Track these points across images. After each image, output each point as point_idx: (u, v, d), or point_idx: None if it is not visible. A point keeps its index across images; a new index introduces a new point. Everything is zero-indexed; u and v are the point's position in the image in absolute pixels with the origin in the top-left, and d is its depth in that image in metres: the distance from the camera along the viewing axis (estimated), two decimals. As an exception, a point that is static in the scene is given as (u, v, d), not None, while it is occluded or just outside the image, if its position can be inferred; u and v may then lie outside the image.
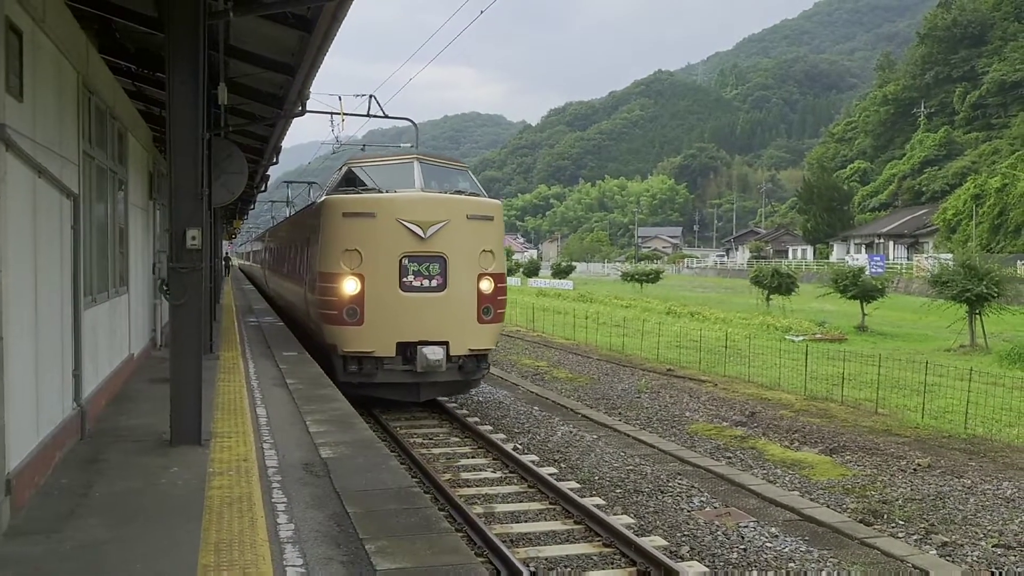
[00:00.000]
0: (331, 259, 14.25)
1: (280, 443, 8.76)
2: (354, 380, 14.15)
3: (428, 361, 13.94)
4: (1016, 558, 9.07)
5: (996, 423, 15.28)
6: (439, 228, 14.14)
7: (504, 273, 15.20)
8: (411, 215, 14.07)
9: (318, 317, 14.78)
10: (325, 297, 14.27)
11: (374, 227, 14.06)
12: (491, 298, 14.73)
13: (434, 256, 14.22)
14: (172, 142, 8.41)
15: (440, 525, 6.31)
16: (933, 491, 11.38)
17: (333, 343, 14.32)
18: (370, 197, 14.38)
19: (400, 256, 14.08)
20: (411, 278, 14.11)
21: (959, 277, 27.72)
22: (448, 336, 14.28)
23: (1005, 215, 61.66)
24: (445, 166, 16.09)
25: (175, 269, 8.53)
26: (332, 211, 14.48)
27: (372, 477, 7.52)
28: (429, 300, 14.18)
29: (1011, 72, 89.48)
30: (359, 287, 13.98)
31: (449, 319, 14.27)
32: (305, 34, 10.59)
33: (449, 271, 14.27)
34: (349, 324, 14.01)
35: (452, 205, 14.49)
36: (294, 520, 6.31)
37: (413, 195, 14.43)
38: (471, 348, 14.60)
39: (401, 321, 14.03)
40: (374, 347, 14.06)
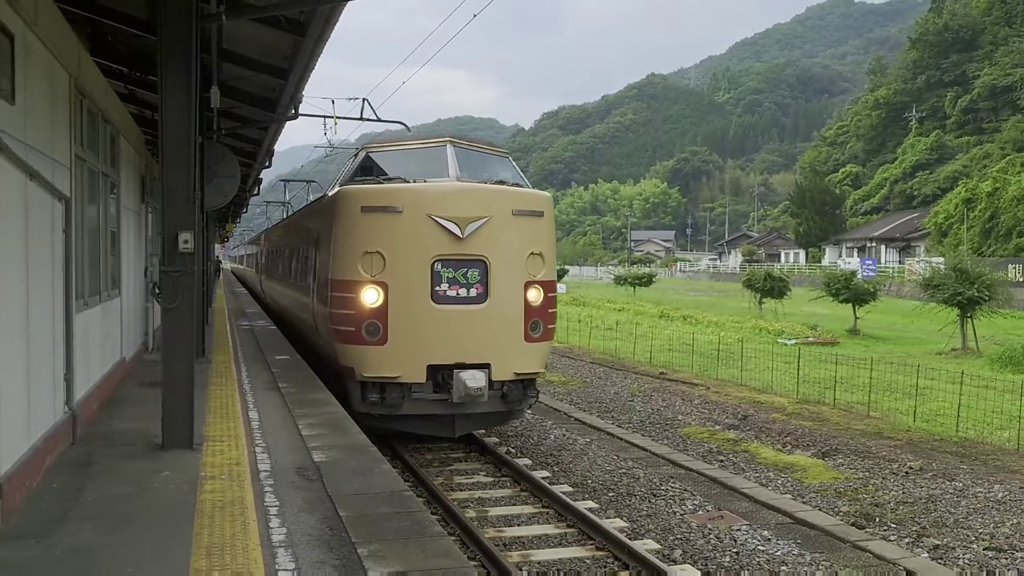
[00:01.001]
0: (347, 263, 11.86)
1: (272, 447, 8.73)
2: (375, 411, 11.84)
3: (467, 389, 11.44)
4: (1007, 560, 9.09)
5: (987, 426, 15.32)
6: (479, 226, 11.73)
7: (555, 281, 12.78)
8: (445, 210, 11.66)
9: (330, 334, 12.38)
10: (339, 310, 11.91)
11: (400, 224, 11.63)
12: (540, 311, 12.26)
13: (473, 260, 11.83)
14: (164, 145, 8.40)
15: (432, 529, 6.30)
16: (925, 494, 11.41)
17: (349, 366, 11.94)
18: (395, 187, 11.93)
19: (432, 260, 11.67)
20: (445, 287, 11.72)
21: (950, 281, 27.81)
22: (490, 357, 11.87)
23: (996, 219, 61.92)
24: (483, 151, 13.49)
25: (167, 272, 8.50)
26: (348, 205, 11.98)
27: (364, 481, 7.50)
28: (467, 314, 11.80)
29: (1002, 76, 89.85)
30: (381, 298, 11.61)
31: (491, 337, 11.89)
32: (298, 37, 10.61)
33: (491, 278, 11.87)
34: (369, 343, 11.61)
35: (495, 198, 12.03)
36: (286, 524, 6.29)
37: (448, 185, 11.98)
38: (517, 372, 12.10)
39: (433, 339, 11.66)
40: (400, 371, 11.66)
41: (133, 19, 10.70)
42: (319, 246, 13.58)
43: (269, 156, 20.48)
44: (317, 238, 13.95)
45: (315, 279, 13.77)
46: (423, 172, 12.23)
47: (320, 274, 13.20)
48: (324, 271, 12.81)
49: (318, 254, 13.61)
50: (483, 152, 13.41)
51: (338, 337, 12.00)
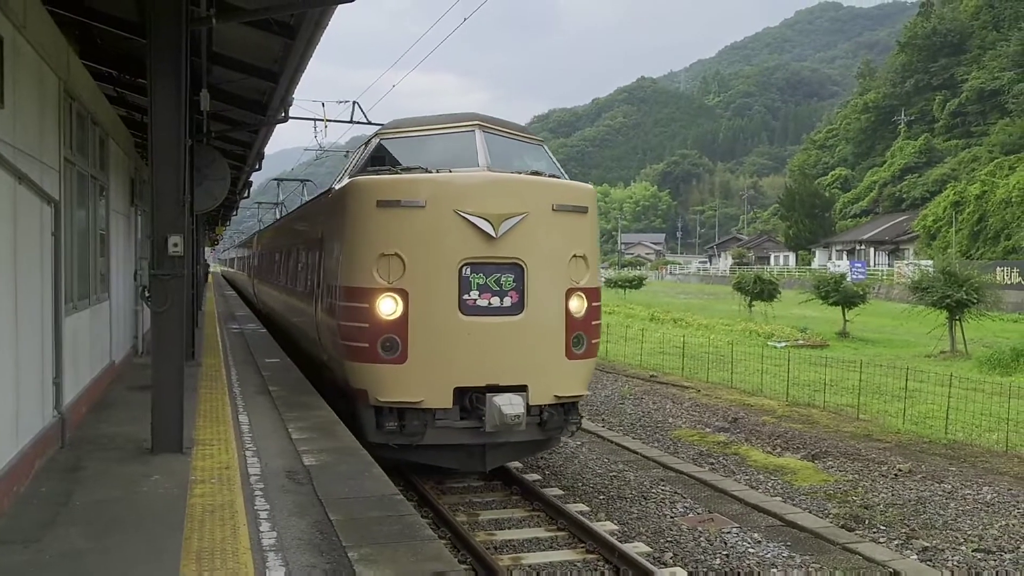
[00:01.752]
0: (359, 268, 10.18)
1: (262, 450, 8.71)
2: (393, 442, 10.16)
3: (503, 417, 9.73)
4: (996, 562, 9.14)
5: (976, 428, 15.40)
6: (515, 224, 10.09)
7: (600, 288, 11.20)
8: (476, 205, 10.04)
9: (338, 350, 10.73)
10: (350, 322, 10.24)
11: (422, 222, 10.02)
12: (584, 323, 10.65)
13: (508, 263, 10.19)
14: (154, 148, 8.38)
15: (423, 532, 6.29)
16: (914, 496, 11.46)
17: (361, 388, 10.25)
18: (416, 178, 10.30)
19: (460, 263, 10.01)
20: (475, 295, 10.09)
21: (939, 283, 27.95)
22: (527, 378, 10.21)
23: (984, 222, 62.22)
24: (515, 137, 11.72)
25: (157, 276, 8.48)
26: (360, 199, 10.34)
27: (355, 484, 7.49)
28: (500, 327, 10.17)
29: (990, 80, 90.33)
30: (400, 308, 9.96)
31: (528, 354, 10.27)
32: (288, 41, 10.62)
33: (528, 285, 10.23)
34: (386, 362, 9.97)
35: (533, 191, 10.43)
36: (276, 528, 6.27)
37: (478, 176, 10.34)
38: (557, 395, 10.42)
39: (461, 357, 10.04)
40: (422, 395, 9.99)
41: (122, 22, 10.68)
42: (324, 248, 12.00)
43: (259, 159, 20.47)
44: (321, 238, 12.39)
45: (319, 286, 12.22)
46: (447, 161, 10.60)
47: (326, 280, 11.63)
48: (331, 277, 11.18)
49: (323, 257, 12.02)
50: (516, 138, 11.70)
51: (348, 354, 10.32)
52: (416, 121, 11.67)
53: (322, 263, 12.07)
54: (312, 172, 43.39)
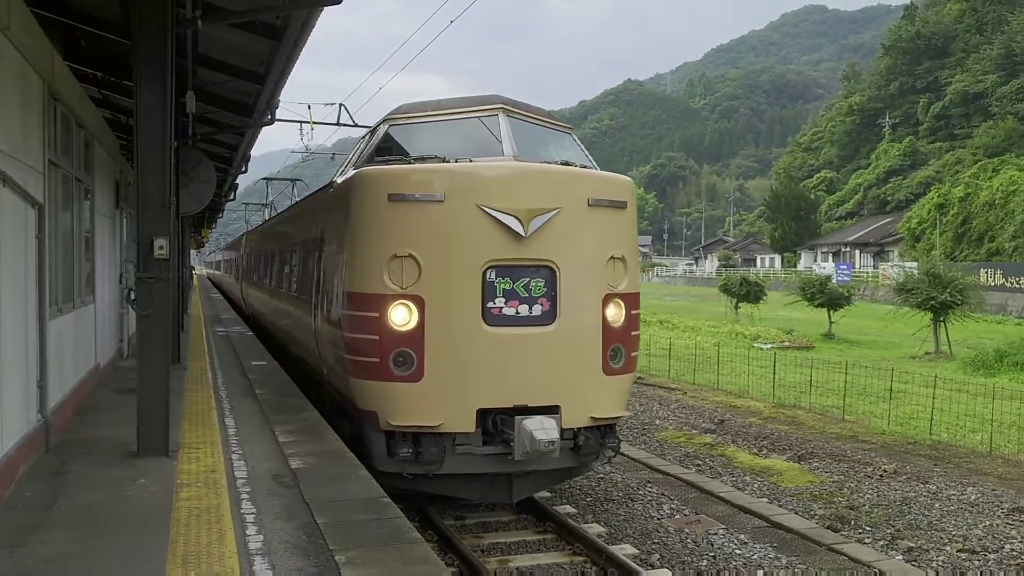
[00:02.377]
0: (368, 271, 8.96)
1: (249, 454, 8.69)
2: (406, 471, 8.94)
3: (535, 443, 8.48)
4: (980, 563, 9.20)
5: (960, 429, 15.50)
6: (547, 220, 8.91)
7: (639, 294, 10.00)
8: (502, 199, 8.84)
9: (342, 365, 9.53)
10: (357, 334, 9.04)
11: (441, 218, 8.82)
12: (623, 333, 9.48)
13: (538, 265, 8.99)
14: (139, 151, 8.35)
15: (410, 535, 6.29)
16: (899, 497, 11.52)
17: (369, 409, 9.06)
18: (434, 169, 9.10)
19: (484, 266, 8.82)
20: (500, 303, 8.91)
21: (923, 285, 28.16)
22: (559, 397, 9.04)
23: (968, 224, 62.65)
24: (542, 123, 10.50)
25: (142, 279, 8.45)
26: (369, 192, 9.08)
27: (342, 487, 7.48)
28: (530, 339, 8.97)
29: (973, 83, 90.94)
30: (415, 318, 8.76)
31: (561, 369, 9.09)
32: (275, 43, 10.59)
33: (561, 291, 9.04)
34: (399, 379, 8.76)
35: (567, 184, 9.24)
36: (263, 531, 6.26)
37: (504, 166, 9.16)
38: (594, 416, 9.23)
39: (485, 374, 8.87)
40: (441, 418, 8.77)
41: (107, 23, 10.63)
42: (325, 248, 10.78)
43: (245, 161, 20.41)
44: (321, 238, 11.14)
45: (319, 291, 10.92)
46: (467, 149, 9.45)
47: (328, 285, 10.36)
48: (334, 281, 9.95)
49: (324, 259, 10.79)
50: (543, 124, 10.51)
51: (355, 370, 9.13)
52: (430, 105, 10.31)
53: (322, 266, 10.84)
54: (298, 174, 43.29)
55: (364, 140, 11.23)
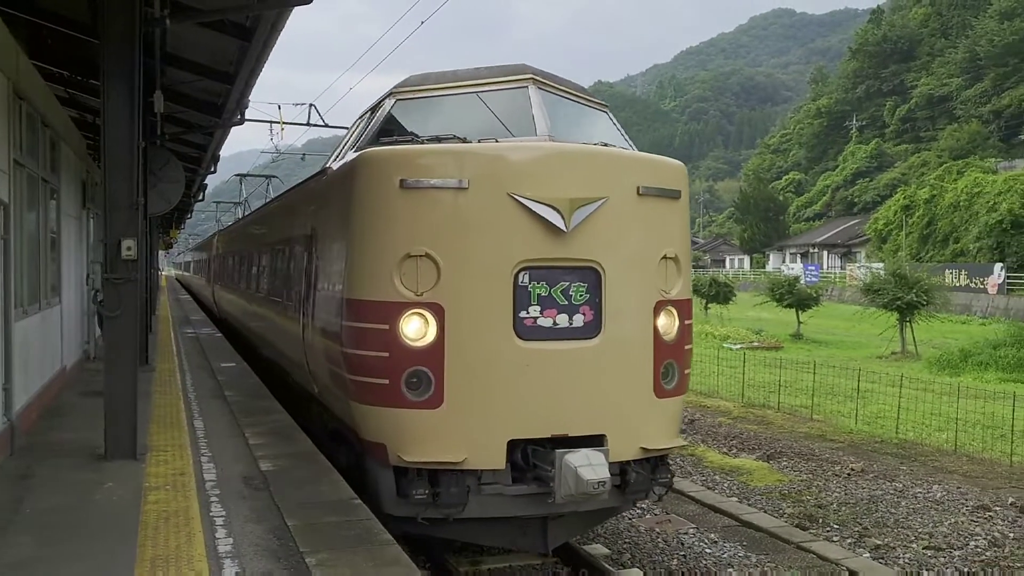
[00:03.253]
0: (373, 274, 7.53)
1: (218, 456, 8.63)
2: (422, 515, 7.45)
3: (581, 483, 7.13)
4: (945, 559, 9.33)
5: (926, 428, 15.71)
6: (591, 212, 7.50)
7: (692, 300, 8.75)
8: (538, 186, 7.41)
9: (341, 386, 8.06)
10: (361, 350, 7.55)
11: (464, 210, 7.43)
12: (676, 348, 8.10)
13: (580, 267, 7.62)
14: (107, 150, 8.27)
15: (381, 537, 6.28)
16: (866, 495, 11.65)
17: (376, 440, 7.61)
18: (455, 150, 7.66)
19: (515, 268, 7.42)
20: (535, 312, 7.49)
21: (890, 286, 28.52)
22: (605, 425, 7.69)
23: (933, 225, 63.44)
24: (576, 98, 9.15)
25: (110, 280, 8.36)
26: (377, 178, 7.62)
27: (312, 490, 7.45)
28: (570, 356, 7.60)
29: (938, 87, 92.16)
30: (433, 330, 7.34)
31: (607, 391, 7.72)
32: (244, 43, 10.52)
33: (606, 297, 7.66)
34: (413, 405, 7.35)
35: (613, 169, 7.87)
36: (233, 534, 6.22)
37: (540, 147, 7.74)
38: (644, 446, 7.84)
39: (517, 398, 7.48)
40: (464, 451, 7.33)
41: (74, 22, 10.52)
42: (319, 247, 9.19)
43: (215, 161, 20.26)
44: (312, 235, 9.57)
45: (311, 297, 9.39)
46: (490, 127, 8.10)
47: (322, 291, 8.86)
48: (331, 286, 8.49)
49: (317, 259, 9.21)
50: (576, 99, 9.14)
51: (358, 393, 7.65)
52: (444, 76, 8.90)
53: (315, 268, 9.27)
54: (268, 175, 42.97)
55: (363, 119, 9.80)
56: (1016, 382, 21.24)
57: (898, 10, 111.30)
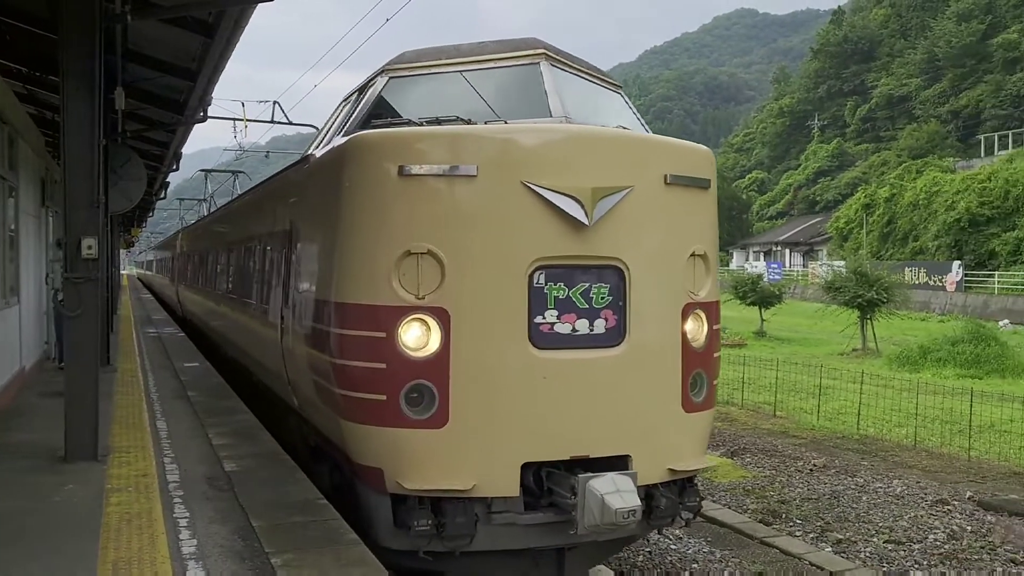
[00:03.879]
0: (368, 274, 6.68)
1: (182, 457, 8.54)
2: (424, 548, 6.60)
3: (609, 513, 6.29)
4: (905, 553, 9.48)
5: (886, 423, 15.94)
6: (616, 204, 6.72)
7: (719, 303, 7.87)
8: (557, 174, 6.62)
9: (329, 401, 7.16)
10: (352, 361, 6.71)
11: (473, 200, 6.66)
12: (705, 356, 7.39)
13: (602, 265, 6.85)
14: (66, 148, 8.15)
15: (347, 537, 6.25)
16: (828, 490, 11.81)
17: (371, 464, 6.78)
18: (462, 132, 6.91)
19: (531, 267, 6.63)
20: (553, 317, 6.70)
21: (851, 284, 28.89)
22: (630, 444, 6.93)
23: (893, 224, 64.34)
24: (590, 77, 8.38)
25: (70, 279, 8.25)
26: (372, 165, 6.79)
27: (278, 490, 7.40)
28: (591, 366, 6.82)
29: (898, 87, 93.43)
30: (437, 338, 6.54)
31: (632, 406, 6.95)
32: (207, 39, 10.42)
33: (631, 300, 6.89)
34: (414, 424, 6.53)
35: (638, 154, 7.12)
36: (197, 536, 6.16)
37: (557, 129, 7.04)
38: (672, 467, 7.07)
39: (533, 415, 6.67)
40: (472, 476, 6.53)
41: (32, 17, 10.35)
42: (301, 244, 8.33)
43: (177, 159, 20.03)
44: (292, 230, 8.69)
45: (290, 300, 8.51)
46: (499, 108, 7.41)
47: (305, 293, 7.88)
48: (315, 288, 7.52)
49: (299, 258, 8.35)
50: (591, 79, 8.38)
51: (349, 411, 6.79)
52: (444, 51, 8.06)
53: (296, 267, 8.41)
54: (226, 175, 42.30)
55: (349, 102, 8.97)
56: (973, 378, 21.63)
57: (859, 11, 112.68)
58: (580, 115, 7.36)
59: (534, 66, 7.60)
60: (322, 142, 8.96)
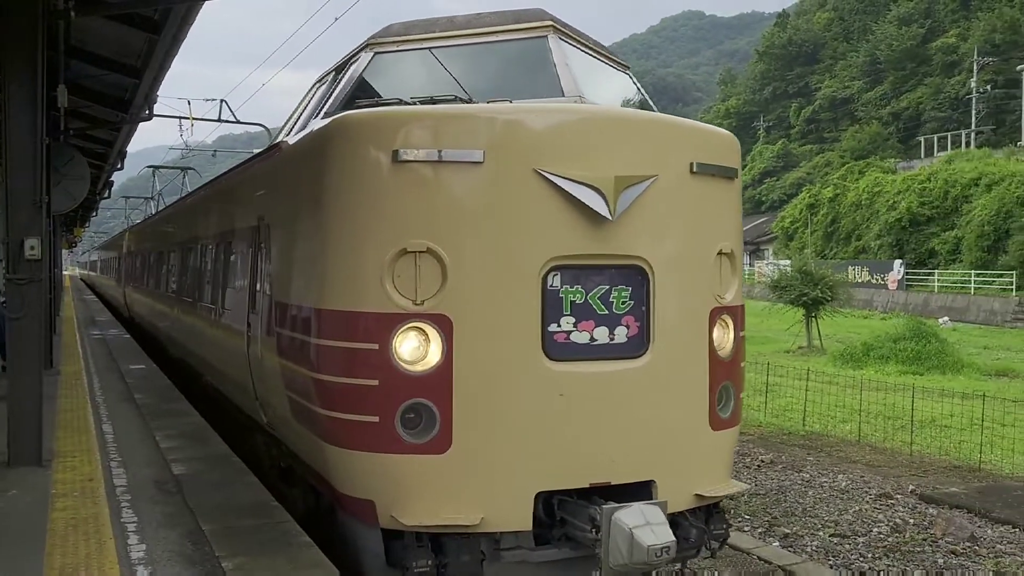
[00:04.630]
0: (355, 276, 5.88)
1: (129, 461, 8.43)
2: None
3: (640, 550, 5.50)
4: (851, 546, 9.68)
5: (831, 419, 16.26)
6: (639, 194, 5.96)
7: (744, 307, 7.12)
8: (574, 160, 5.84)
9: (308, 421, 6.33)
10: (338, 376, 5.88)
11: (478, 191, 5.86)
12: (732, 366, 6.71)
13: (623, 266, 6.11)
14: (8, 147, 8.00)
15: (300, 539, 6.22)
16: (775, 485, 12.00)
17: (360, 496, 5.94)
18: (465, 112, 6.14)
19: (545, 267, 5.88)
20: (569, 324, 5.96)
21: (796, 282, 29.38)
22: (655, 468, 6.19)
23: (837, 223, 65.50)
24: (598, 55, 7.70)
25: (13, 281, 8.08)
26: (360, 149, 5.95)
27: (228, 492, 7.33)
28: (612, 380, 6.08)
29: (841, 89, 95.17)
30: (439, 350, 5.74)
31: (656, 425, 6.21)
32: (153, 36, 10.30)
33: (655, 304, 6.17)
34: (411, 449, 5.72)
35: (663, 139, 6.36)
36: (145, 540, 6.09)
37: (571, 109, 6.30)
38: (700, 492, 6.35)
39: (548, 438, 5.89)
40: (479, 509, 5.72)
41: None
42: (273, 242, 7.40)
43: (121, 158, 19.71)
44: (260, 227, 7.79)
45: (259, 305, 7.71)
46: (498, 87, 6.71)
47: (278, 296, 7.05)
48: (292, 291, 6.74)
49: (271, 257, 7.44)
50: (600, 56, 7.70)
51: (333, 433, 5.93)
52: (436, 24, 7.27)
53: (267, 268, 7.53)
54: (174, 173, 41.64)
55: (325, 82, 8.11)
56: (915, 374, 22.12)
57: (803, 14, 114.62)
58: (592, 95, 6.68)
59: (541, 40, 6.90)
60: (293, 128, 8.23)
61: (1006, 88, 68.83)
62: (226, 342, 9.21)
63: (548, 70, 6.71)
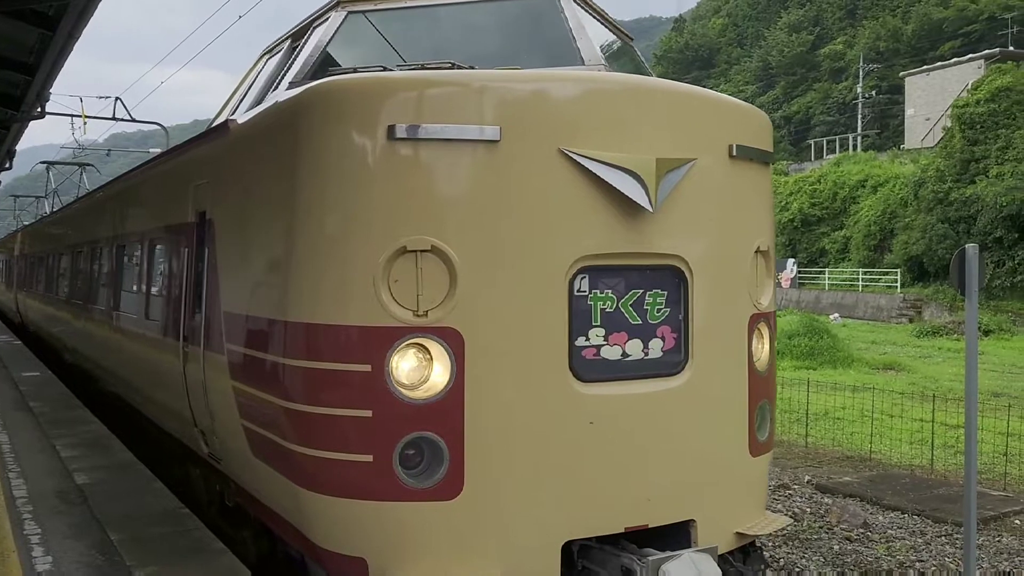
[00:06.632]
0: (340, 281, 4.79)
1: (28, 471, 8.16)
2: None
3: None
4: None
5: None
6: (680, 181, 5.09)
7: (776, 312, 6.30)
8: (605, 140, 4.91)
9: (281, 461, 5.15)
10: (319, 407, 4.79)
11: (493, 175, 4.82)
12: (768, 382, 5.97)
13: (658, 266, 5.24)
14: None
15: (213, 546, 6.15)
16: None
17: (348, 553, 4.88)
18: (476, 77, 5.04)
19: (571, 268, 4.94)
20: (599, 337, 5.06)
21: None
22: (695, 506, 5.35)
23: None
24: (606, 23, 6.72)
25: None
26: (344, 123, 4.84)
27: (136, 501, 7.18)
28: (649, 404, 5.19)
29: (736, 93, 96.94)
30: (446, 371, 4.72)
31: (696, 455, 5.36)
32: (47, 32, 9.97)
33: (694, 311, 5.32)
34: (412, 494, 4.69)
35: (702, 116, 5.49)
36: (51, 552, 5.93)
37: (604, 79, 5.34)
38: (740, 530, 5.57)
39: (577, 475, 4.97)
40: (495, 564, 4.82)
41: None
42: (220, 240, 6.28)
43: (10, 157, 18.99)
44: (202, 223, 6.62)
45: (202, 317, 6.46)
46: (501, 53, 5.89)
47: (233, 306, 5.93)
48: (249, 299, 5.68)
49: (219, 258, 6.25)
50: (607, 25, 6.71)
51: (313, 476, 4.88)
52: None
53: (212, 272, 6.32)
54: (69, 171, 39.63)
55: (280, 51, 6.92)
56: (809, 368, 22.93)
57: (698, 19, 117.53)
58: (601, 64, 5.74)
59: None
60: (239, 107, 7.09)
61: (889, 94, 72.00)
62: (152, 358, 8.02)
63: (563, 34, 5.76)
